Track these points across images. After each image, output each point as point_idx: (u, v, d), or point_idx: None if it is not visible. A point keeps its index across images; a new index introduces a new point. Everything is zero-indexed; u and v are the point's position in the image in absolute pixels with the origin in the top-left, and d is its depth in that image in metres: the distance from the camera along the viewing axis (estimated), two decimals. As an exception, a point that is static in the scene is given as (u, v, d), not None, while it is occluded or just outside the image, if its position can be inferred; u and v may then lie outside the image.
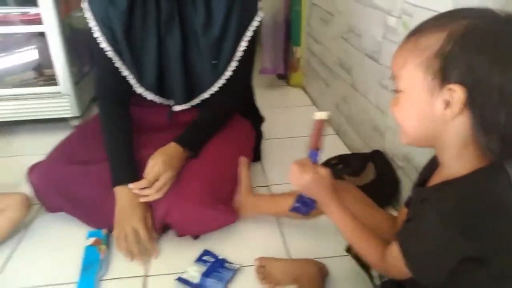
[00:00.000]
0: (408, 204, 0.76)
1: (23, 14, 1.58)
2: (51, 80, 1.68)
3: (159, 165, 1.02)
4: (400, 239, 0.64)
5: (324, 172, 0.77)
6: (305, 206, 0.84)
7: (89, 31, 1.09)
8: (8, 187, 1.30)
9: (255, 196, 1.21)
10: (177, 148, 1.09)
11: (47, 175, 1.12)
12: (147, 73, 1.13)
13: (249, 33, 1.13)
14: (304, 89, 2.21)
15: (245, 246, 1.09)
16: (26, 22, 1.58)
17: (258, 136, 1.44)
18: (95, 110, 1.85)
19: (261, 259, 0.97)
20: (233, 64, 1.15)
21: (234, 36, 1.11)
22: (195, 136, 1.15)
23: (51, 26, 1.53)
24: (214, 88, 1.17)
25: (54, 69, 1.60)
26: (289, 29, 2.17)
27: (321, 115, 0.80)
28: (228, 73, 1.15)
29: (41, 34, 1.60)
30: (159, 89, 1.17)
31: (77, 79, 1.71)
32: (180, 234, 1.09)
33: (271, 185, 1.35)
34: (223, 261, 1.02)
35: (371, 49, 1.33)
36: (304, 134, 1.73)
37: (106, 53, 1.09)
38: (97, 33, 1.08)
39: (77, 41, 1.73)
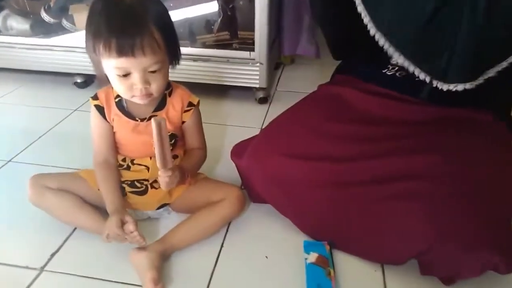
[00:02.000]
0: None
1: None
2: (245, 44, 1.52)
3: None
4: None
5: None
6: None
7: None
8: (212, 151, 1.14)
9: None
10: None
11: (261, 165, 0.95)
12: (405, 29, 0.86)
13: None
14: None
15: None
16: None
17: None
18: (286, 87, 1.76)
19: None
20: None
21: None
22: None
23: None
24: (504, 64, 0.84)
25: (256, 31, 1.42)
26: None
27: None
28: None
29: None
30: (416, 55, 0.89)
31: (270, 46, 1.52)
32: (424, 273, 0.84)
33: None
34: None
35: None
36: None
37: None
38: None
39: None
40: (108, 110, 0.90)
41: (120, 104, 0.90)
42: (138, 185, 0.95)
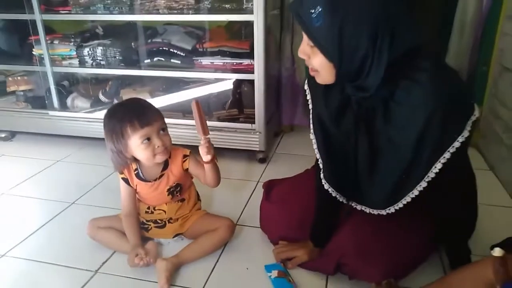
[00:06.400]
0: None
1: (238, 64, 1.93)
2: (249, 118, 1.99)
3: None
4: None
5: None
6: None
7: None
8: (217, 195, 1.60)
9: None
10: None
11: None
12: (332, 167, 1.11)
13: (447, 155, 0.93)
14: (479, 150, 2.12)
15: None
16: (238, 70, 1.93)
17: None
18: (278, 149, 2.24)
19: None
20: (423, 185, 0.98)
21: (427, 160, 0.95)
22: None
23: (260, 75, 1.84)
24: (395, 207, 1.04)
25: (256, 109, 1.91)
26: (472, 87, 2.12)
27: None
28: (415, 192, 1.00)
29: (248, 81, 1.93)
30: (339, 188, 1.13)
31: (267, 119, 2.00)
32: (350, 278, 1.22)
33: None
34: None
35: None
36: (492, 202, 1.70)
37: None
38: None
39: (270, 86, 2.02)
40: (131, 180, 1.32)
41: (138, 175, 1.32)
42: (159, 222, 1.40)
